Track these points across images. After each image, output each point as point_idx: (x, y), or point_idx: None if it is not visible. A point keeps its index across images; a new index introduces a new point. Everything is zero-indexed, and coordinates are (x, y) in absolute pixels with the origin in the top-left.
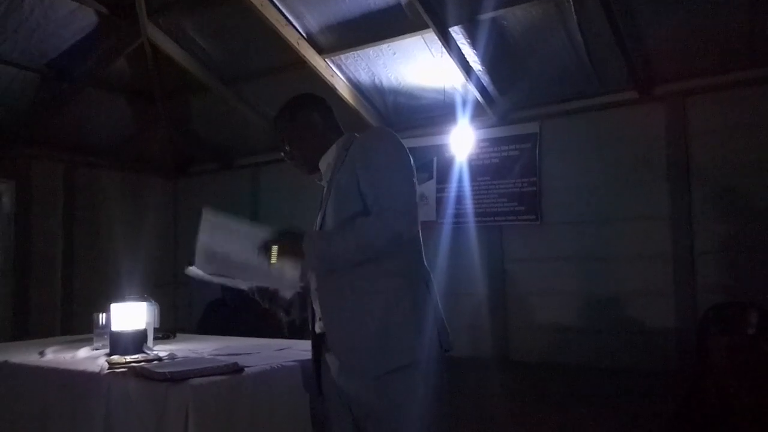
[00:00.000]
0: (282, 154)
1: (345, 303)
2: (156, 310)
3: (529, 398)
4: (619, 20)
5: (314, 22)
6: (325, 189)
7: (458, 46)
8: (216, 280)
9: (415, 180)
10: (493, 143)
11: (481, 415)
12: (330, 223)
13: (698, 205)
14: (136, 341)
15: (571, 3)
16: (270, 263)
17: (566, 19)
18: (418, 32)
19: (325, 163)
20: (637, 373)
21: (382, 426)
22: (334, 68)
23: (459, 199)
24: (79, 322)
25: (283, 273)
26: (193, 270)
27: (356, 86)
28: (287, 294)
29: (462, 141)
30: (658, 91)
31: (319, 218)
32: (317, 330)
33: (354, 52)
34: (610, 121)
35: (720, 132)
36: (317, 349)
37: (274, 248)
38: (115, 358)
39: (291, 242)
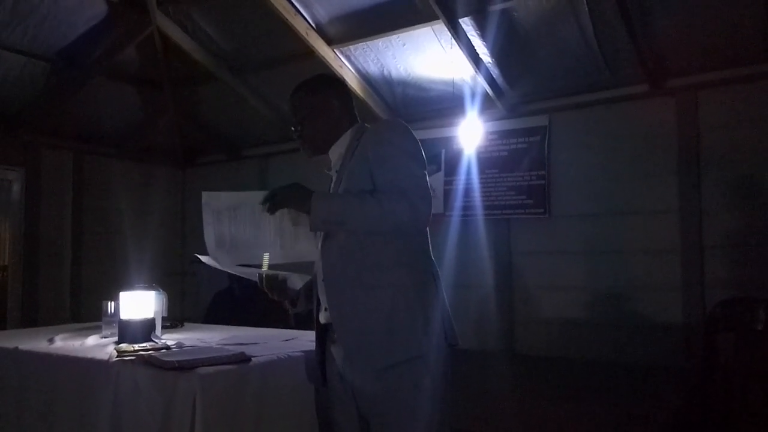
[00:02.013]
0: (292, 129)
1: (352, 294)
2: (164, 299)
3: (534, 391)
4: (632, 12)
5: (324, 12)
6: (335, 179)
7: (468, 37)
8: (226, 269)
9: (427, 172)
10: (501, 136)
11: (486, 408)
12: None
13: (708, 199)
14: (145, 330)
15: None
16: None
17: (578, 10)
18: (427, 23)
19: (337, 152)
20: (643, 368)
21: (387, 418)
22: (342, 59)
23: (467, 191)
24: (88, 310)
25: (297, 235)
26: (204, 258)
27: (365, 77)
28: (296, 285)
29: (470, 133)
30: (670, 84)
31: None
32: (322, 320)
33: (363, 43)
34: (621, 114)
35: (732, 126)
36: (321, 339)
37: (265, 255)
38: (124, 346)
39: (296, 192)
